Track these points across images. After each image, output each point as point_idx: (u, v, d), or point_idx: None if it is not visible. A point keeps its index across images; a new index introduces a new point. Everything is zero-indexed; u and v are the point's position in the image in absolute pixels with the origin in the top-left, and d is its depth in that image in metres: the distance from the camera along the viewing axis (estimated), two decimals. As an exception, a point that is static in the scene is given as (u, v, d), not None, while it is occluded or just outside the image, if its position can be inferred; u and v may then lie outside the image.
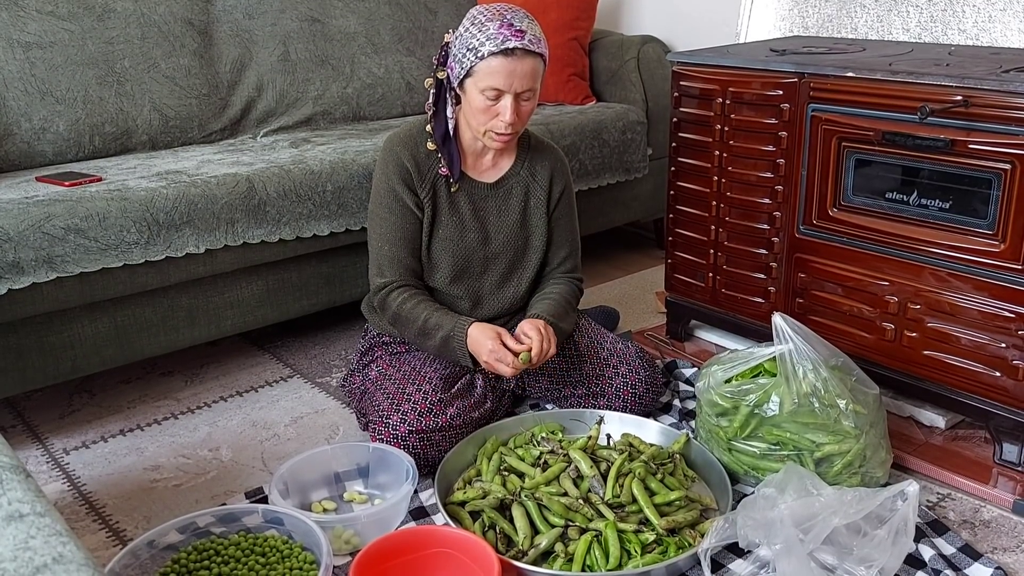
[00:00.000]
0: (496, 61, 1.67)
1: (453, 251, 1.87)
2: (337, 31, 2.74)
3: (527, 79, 1.70)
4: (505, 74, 1.68)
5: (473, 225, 1.88)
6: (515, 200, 1.91)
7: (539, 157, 1.93)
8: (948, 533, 1.55)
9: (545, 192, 1.92)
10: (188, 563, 1.43)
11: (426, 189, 1.84)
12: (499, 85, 1.69)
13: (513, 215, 1.91)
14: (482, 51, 1.67)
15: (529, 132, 1.96)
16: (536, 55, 1.70)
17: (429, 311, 1.80)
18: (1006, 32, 2.11)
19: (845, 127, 1.84)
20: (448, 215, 1.86)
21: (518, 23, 1.68)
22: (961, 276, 1.73)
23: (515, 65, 1.67)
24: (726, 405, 1.69)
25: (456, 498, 1.63)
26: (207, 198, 1.99)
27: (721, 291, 2.20)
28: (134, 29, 2.39)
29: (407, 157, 1.83)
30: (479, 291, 1.91)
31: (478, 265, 1.90)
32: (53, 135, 2.23)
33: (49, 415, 2.07)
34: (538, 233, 1.94)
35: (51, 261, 1.80)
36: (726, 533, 1.48)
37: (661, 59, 2.94)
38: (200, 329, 2.11)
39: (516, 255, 1.93)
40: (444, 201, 1.86)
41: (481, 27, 1.68)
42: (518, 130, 1.78)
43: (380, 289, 1.86)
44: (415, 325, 1.80)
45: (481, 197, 1.89)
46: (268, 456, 1.88)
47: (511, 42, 1.66)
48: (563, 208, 1.96)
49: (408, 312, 1.81)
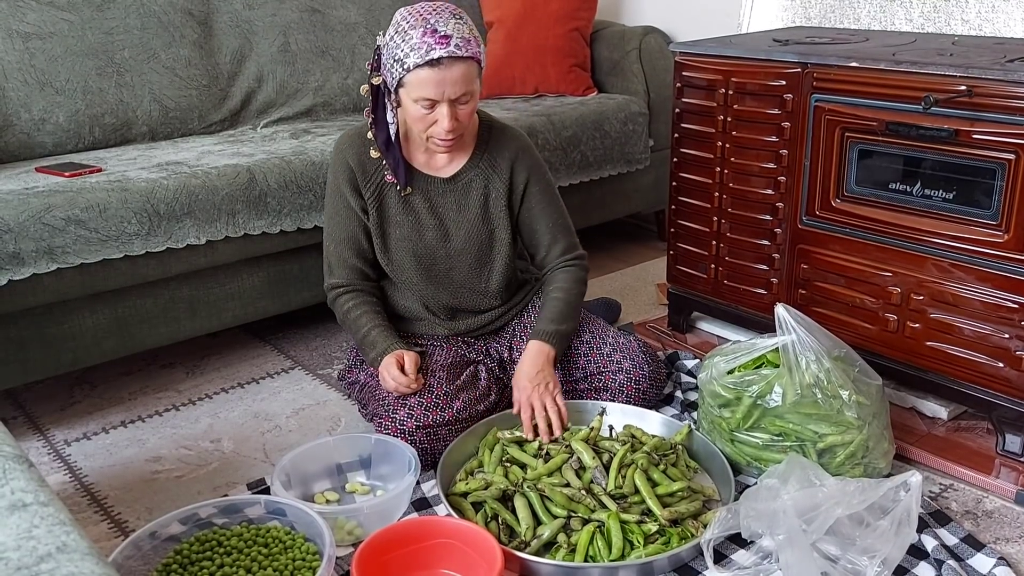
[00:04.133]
0: (424, 72, 1.60)
1: (413, 251, 1.84)
2: (337, 21, 2.73)
3: (459, 85, 1.63)
4: (434, 84, 1.61)
5: (431, 223, 1.83)
6: (475, 194, 1.84)
7: (499, 147, 1.86)
8: (951, 524, 1.55)
9: (505, 184, 1.85)
10: (190, 554, 1.43)
11: (372, 191, 1.80)
12: (430, 95, 1.63)
13: (473, 209, 1.85)
14: (407, 63, 1.60)
15: (490, 120, 1.89)
16: (466, 59, 1.62)
17: (369, 326, 1.81)
18: (1009, 22, 2.11)
19: (848, 117, 1.83)
20: (402, 215, 1.82)
21: (442, 27, 1.60)
22: (964, 267, 1.72)
23: (444, 74, 1.60)
24: (728, 396, 1.69)
25: (458, 489, 1.63)
26: (208, 189, 1.98)
27: (723, 282, 2.19)
28: (134, 19, 2.38)
29: (354, 160, 1.80)
30: (449, 287, 1.88)
31: (442, 262, 1.86)
32: (53, 126, 2.23)
33: (50, 406, 2.07)
34: (502, 225, 1.87)
35: (51, 252, 1.79)
36: (729, 524, 1.48)
37: (663, 50, 2.93)
38: (201, 320, 2.10)
39: (481, 250, 1.87)
40: (395, 201, 1.82)
41: (404, 36, 1.61)
42: (460, 132, 1.72)
43: (330, 290, 1.88)
44: (357, 335, 1.83)
45: (438, 193, 1.84)
46: (270, 447, 1.88)
47: (435, 51, 1.58)
48: (537, 195, 1.88)
49: (352, 322, 1.83)
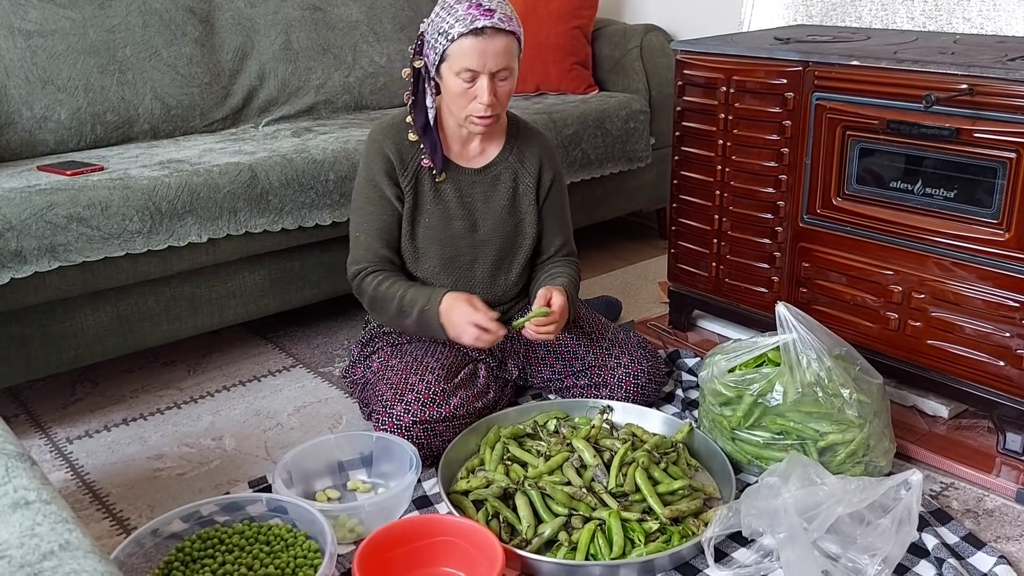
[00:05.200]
0: (467, 42, 1.66)
1: (440, 240, 1.86)
2: (339, 19, 2.73)
3: (501, 58, 1.68)
4: (477, 54, 1.67)
5: (459, 213, 1.87)
6: (503, 186, 1.89)
7: (527, 144, 1.92)
8: (951, 522, 1.55)
9: (534, 179, 1.91)
10: (192, 551, 1.43)
11: (408, 179, 1.83)
12: (472, 66, 1.68)
13: (501, 201, 1.89)
14: (452, 33, 1.66)
15: (518, 119, 1.95)
16: (508, 33, 1.68)
17: (404, 288, 1.80)
18: (1011, 20, 2.10)
19: (849, 116, 1.83)
20: (433, 204, 1.85)
21: (487, 2, 1.67)
22: (965, 265, 1.73)
23: (486, 44, 1.66)
24: (729, 394, 1.69)
25: (459, 487, 1.63)
26: (209, 187, 1.98)
27: (724, 280, 2.19)
28: (135, 17, 2.38)
29: (390, 147, 1.82)
30: (470, 280, 1.90)
31: (467, 253, 1.89)
32: (55, 124, 2.23)
33: (52, 404, 2.07)
34: (528, 219, 1.92)
35: (54, 250, 1.80)
36: (730, 522, 1.48)
37: (664, 48, 2.93)
38: (203, 318, 2.11)
39: (505, 242, 1.91)
40: (428, 190, 1.85)
41: (450, 10, 1.68)
42: (498, 112, 1.76)
43: (355, 275, 1.86)
44: (392, 303, 1.80)
45: (468, 184, 1.88)
46: (271, 445, 1.88)
47: (480, 21, 1.65)
48: (555, 195, 1.95)
49: (384, 292, 1.81)
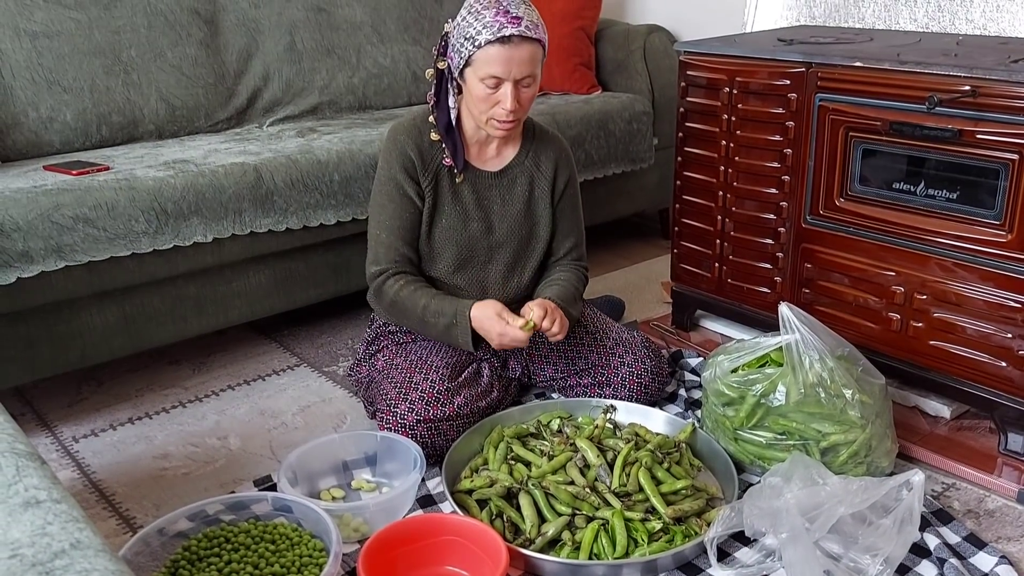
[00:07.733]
0: (494, 49, 1.67)
1: (456, 240, 1.87)
2: (343, 20, 2.73)
3: (526, 65, 1.70)
4: (503, 62, 1.68)
5: (476, 214, 1.88)
6: (519, 189, 1.91)
7: (543, 147, 1.93)
8: (953, 522, 1.56)
9: (549, 182, 1.93)
10: (199, 550, 1.44)
11: (429, 178, 1.84)
12: (498, 73, 1.69)
13: (517, 204, 1.91)
14: (479, 40, 1.67)
15: (534, 122, 1.96)
16: (534, 41, 1.70)
17: (427, 298, 1.80)
18: (1014, 22, 2.11)
19: (852, 117, 1.84)
20: (451, 204, 1.86)
21: (514, 10, 1.68)
22: (967, 266, 1.73)
23: (513, 52, 1.68)
24: (732, 395, 1.70)
25: (463, 486, 1.64)
26: (215, 187, 1.99)
27: (727, 281, 2.20)
28: (140, 18, 2.39)
29: (411, 146, 1.83)
30: (484, 281, 1.91)
31: (482, 254, 1.90)
32: (60, 124, 2.24)
33: (58, 403, 2.08)
34: (543, 223, 1.94)
35: (60, 250, 1.81)
36: (732, 522, 1.49)
37: (667, 49, 2.93)
38: (208, 318, 2.12)
39: (520, 244, 1.93)
40: (447, 190, 1.86)
41: (478, 16, 1.69)
42: (520, 117, 1.78)
43: (376, 276, 1.86)
44: (415, 312, 1.80)
45: (485, 186, 1.89)
46: (276, 444, 1.89)
47: (507, 29, 1.66)
48: (568, 198, 1.96)
49: (406, 299, 1.81)
